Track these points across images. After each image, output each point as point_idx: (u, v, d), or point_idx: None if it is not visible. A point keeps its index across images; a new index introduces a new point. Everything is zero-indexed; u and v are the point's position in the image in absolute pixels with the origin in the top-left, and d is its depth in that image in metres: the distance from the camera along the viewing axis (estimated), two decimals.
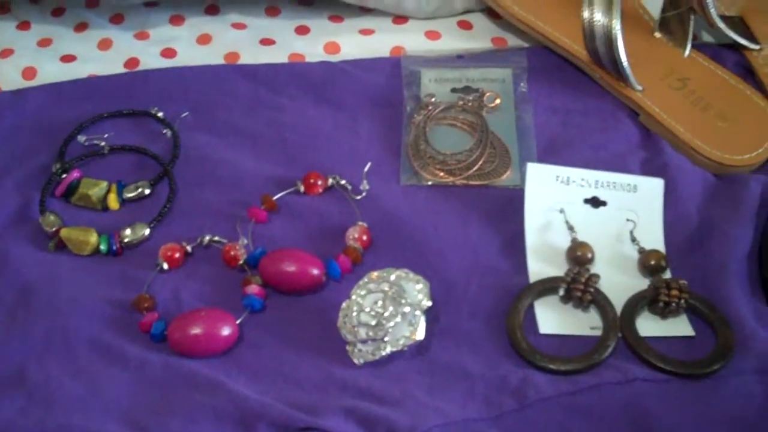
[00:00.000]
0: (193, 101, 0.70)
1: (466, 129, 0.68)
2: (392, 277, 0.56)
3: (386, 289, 0.56)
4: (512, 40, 0.75)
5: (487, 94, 0.69)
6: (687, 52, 0.71)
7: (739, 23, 0.72)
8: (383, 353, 0.54)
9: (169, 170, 0.65)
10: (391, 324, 0.55)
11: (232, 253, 0.60)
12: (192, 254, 0.61)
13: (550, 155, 0.66)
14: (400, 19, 0.77)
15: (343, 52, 0.74)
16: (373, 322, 0.55)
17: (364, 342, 0.55)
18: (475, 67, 0.72)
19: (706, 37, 0.75)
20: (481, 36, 0.76)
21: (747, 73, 0.72)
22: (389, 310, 0.55)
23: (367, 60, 0.73)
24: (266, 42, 0.75)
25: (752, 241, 0.61)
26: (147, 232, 0.61)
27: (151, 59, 0.74)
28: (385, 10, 0.76)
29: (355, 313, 0.56)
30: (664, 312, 0.57)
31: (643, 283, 0.58)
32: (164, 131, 0.68)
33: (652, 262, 0.59)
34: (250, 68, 0.72)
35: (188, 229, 0.62)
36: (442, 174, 0.65)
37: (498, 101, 0.69)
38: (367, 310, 0.55)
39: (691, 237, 0.62)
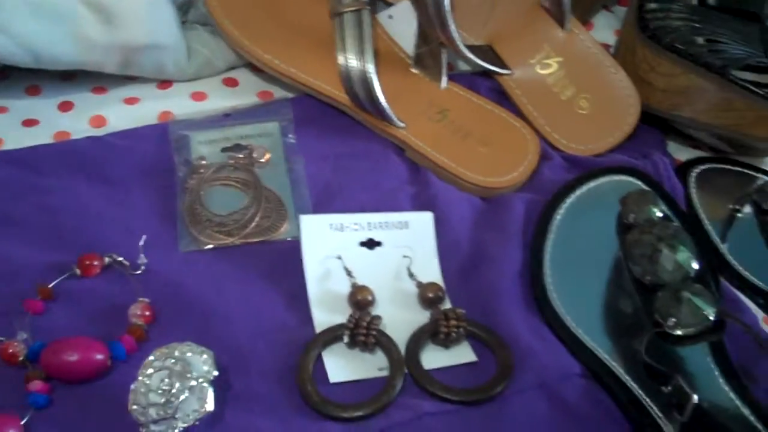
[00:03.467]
0: None
1: (240, 187, 0.68)
2: (176, 353, 0.56)
3: (171, 365, 0.55)
4: (278, 92, 0.76)
5: (256, 149, 0.70)
6: (443, 84, 0.74)
7: (488, 51, 0.76)
8: (177, 430, 0.54)
9: None
10: (180, 399, 0.54)
11: (11, 350, 0.58)
12: None
13: (326, 202, 0.68)
14: (164, 83, 0.77)
15: (110, 124, 0.73)
16: (162, 401, 0.54)
17: (156, 422, 0.54)
18: (243, 123, 0.72)
19: (463, 66, 0.78)
20: (247, 91, 0.77)
21: (501, 97, 0.75)
22: (176, 386, 0.55)
23: (134, 130, 0.72)
24: (29, 123, 0.73)
25: (522, 258, 0.64)
26: None
27: None
28: (147, 76, 0.76)
29: (143, 394, 0.55)
30: (446, 342, 0.59)
31: (425, 317, 0.60)
32: None
33: (430, 295, 0.61)
34: (15, 153, 0.70)
35: None
36: (220, 236, 0.65)
37: (268, 156, 0.70)
38: (155, 389, 0.55)
39: (465, 263, 0.64)
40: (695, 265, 0.59)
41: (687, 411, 0.52)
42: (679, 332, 0.56)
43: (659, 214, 0.62)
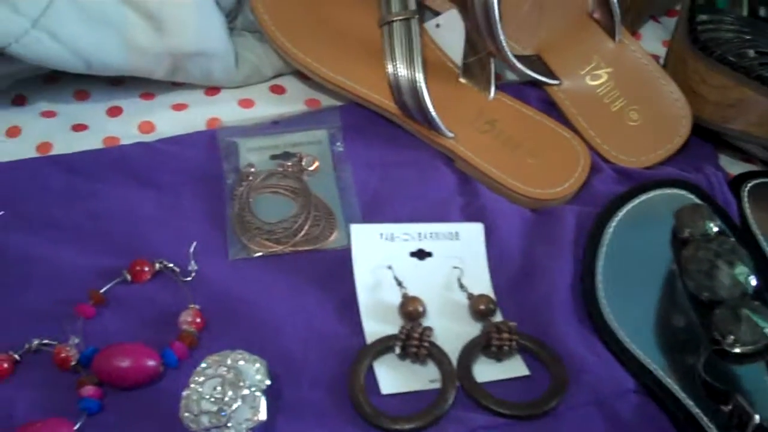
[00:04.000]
0: (6, 199, 0.67)
1: (289, 195, 0.68)
2: (229, 361, 0.56)
3: (224, 373, 0.55)
4: (325, 100, 0.76)
5: (305, 157, 0.70)
6: (491, 94, 0.73)
7: (536, 61, 0.75)
8: None
9: None
10: (233, 408, 0.54)
11: (63, 354, 0.59)
12: (21, 362, 0.59)
13: (374, 211, 0.68)
14: (212, 90, 0.77)
15: (159, 130, 0.74)
16: (215, 409, 0.54)
17: (207, 430, 0.54)
18: (291, 131, 0.72)
19: (510, 76, 0.78)
20: (295, 99, 0.77)
21: (550, 107, 0.75)
22: (229, 395, 0.55)
23: (182, 136, 0.72)
24: (79, 127, 0.74)
25: (573, 271, 0.64)
26: None
27: None
28: (195, 82, 0.76)
29: (195, 402, 0.55)
30: (498, 355, 0.59)
31: (476, 329, 0.60)
32: None
33: (482, 307, 0.61)
34: (64, 158, 0.70)
35: (15, 335, 0.60)
36: (269, 244, 0.65)
37: (317, 164, 0.70)
38: (207, 396, 0.55)
39: (516, 275, 0.64)
40: (753, 282, 0.58)
41: (749, 430, 0.51)
42: (737, 350, 0.56)
43: (715, 229, 0.61)
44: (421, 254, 0.64)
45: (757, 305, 0.56)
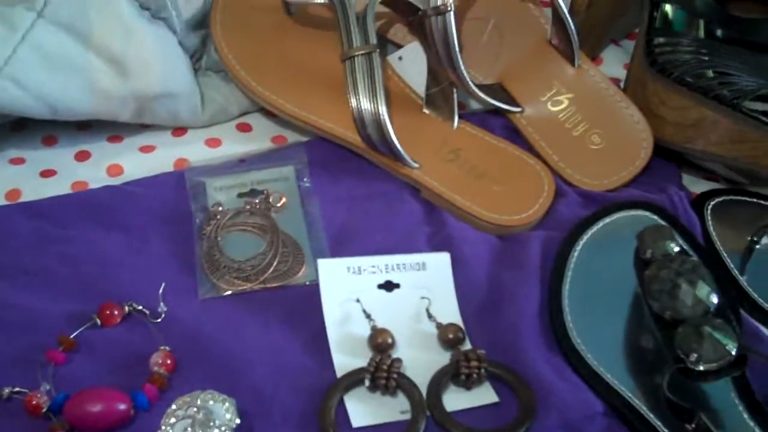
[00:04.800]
0: None
1: (257, 232, 0.69)
2: (198, 401, 0.56)
3: (194, 413, 0.56)
4: (292, 136, 0.77)
5: (272, 194, 0.70)
6: (455, 124, 0.74)
7: (498, 90, 0.76)
8: None
9: None
10: None
11: (34, 402, 0.58)
12: None
13: (342, 245, 0.68)
14: (179, 130, 0.77)
15: (127, 172, 0.74)
16: None
17: None
18: (258, 169, 0.73)
19: (474, 105, 0.79)
20: (261, 136, 0.77)
21: (514, 134, 0.76)
22: None
23: (150, 178, 0.73)
24: (47, 173, 0.74)
25: (540, 296, 0.64)
26: None
27: None
28: (162, 124, 0.77)
29: None
30: (468, 383, 0.59)
31: (445, 358, 0.60)
32: None
33: (450, 336, 0.61)
34: (33, 204, 0.71)
35: None
36: (239, 282, 0.66)
37: (284, 200, 0.70)
38: None
39: (484, 303, 0.64)
40: (715, 300, 0.59)
41: None
42: (701, 368, 0.56)
43: (677, 249, 0.62)
44: (389, 286, 0.64)
45: (720, 323, 0.57)
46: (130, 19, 0.72)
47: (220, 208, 0.70)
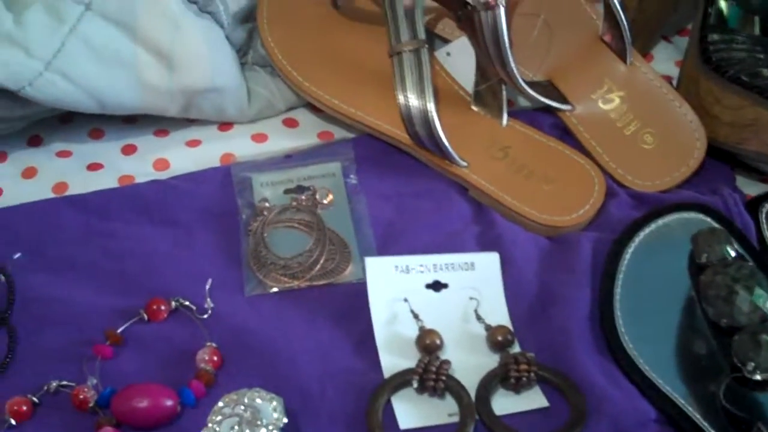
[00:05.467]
0: (23, 241, 0.68)
1: (304, 229, 0.68)
2: (245, 399, 0.56)
3: (241, 412, 0.55)
4: (338, 132, 0.76)
5: (319, 190, 0.70)
6: (504, 121, 0.73)
7: (548, 87, 0.75)
8: None
9: (6, 318, 0.63)
10: None
11: (81, 396, 0.59)
12: (40, 404, 0.59)
13: (389, 243, 0.67)
14: (225, 125, 0.77)
15: (173, 167, 0.74)
16: None
17: None
18: (304, 165, 0.72)
19: (523, 103, 0.78)
20: (308, 132, 0.77)
21: (564, 133, 0.75)
22: None
23: (197, 173, 0.73)
24: (94, 167, 0.74)
25: (591, 299, 0.63)
26: None
27: None
28: (208, 119, 0.76)
29: None
30: (517, 387, 0.58)
31: (494, 360, 0.60)
32: None
33: (499, 338, 0.60)
34: (79, 198, 0.71)
35: (34, 377, 0.60)
36: (285, 279, 0.65)
37: (330, 197, 0.70)
38: None
39: (533, 305, 0.63)
40: None
41: None
42: (758, 377, 0.55)
43: (733, 253, 0.61)
44: (437, 286, 0.64)
45: None
46: (177, 12, 0.72)
47: (267, 204, 0.69)
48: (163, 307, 0.63)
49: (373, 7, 0.78)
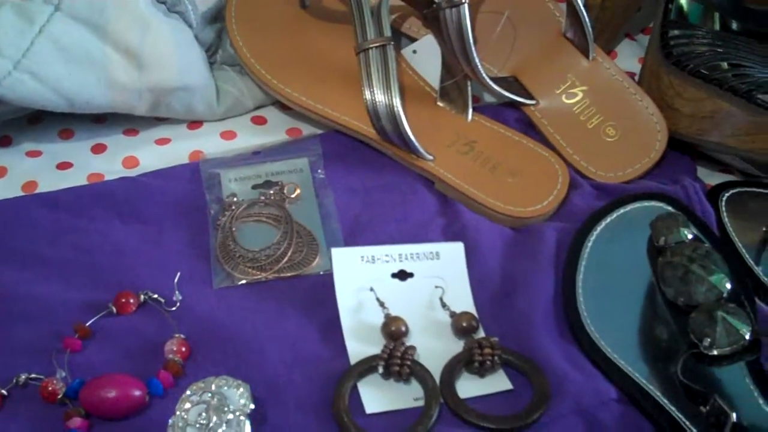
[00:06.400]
0: None
1: (272, 223, 0.69)
2: (212, 386, 0.56)
3: (208, 399, 0.56)
4: (306, 129, 0.77)
5: (287, 185, 0.71)
6: (469, 116, 0.74)
7: (512, 82, 0.76)
8: None
9: None
10: None
11: (50, 388, 0.59)
12: (9, 396, 0.59)
13: (356, 235, 0.68)
14: (194, 124, 0.78)
15: (142, 164, 0.75)
16: None
17: None
18: (273, 160, 0.73)
19: (488, 98, 0.79)
20: (276, 129, 0.78)
21: (528, 127, 0.76)
22: (213, 420, 0.55)
23: (165, 169, 0.73)
24: (63, 166, 0.75)
25: (554, 286, 0.64)
26: None
27: None
28: (177, 117, 0.77)
29: (181, 429, 0.55)
30: (481, 371, 0.59)
31: (459, 346, 0.61)
32: None
33: (464, 324, 0.61)
34: (49, 195, 0.71)
35: (3, 370, 0.60)
36: (253, 271, 0.66)
37: (298, 191, 0.71)
38: (193, 423, 0.55)
39: (497, 292, 0.64)
40: (728, 285, 0.59)
41: (727, 429, 0.51)
42: (715, 352, 0.56)
43: (690, 236, 0.62)
44: (402, 275, 0.65)
45: (733, 308, 0.57)
46: (146, 12, 0.73)
47: (235, 199, 0.70)
48: (131, 300, 0.64)
49: (340, 6, 0.79)
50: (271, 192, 0.71)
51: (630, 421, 0.57)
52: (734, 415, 0.52)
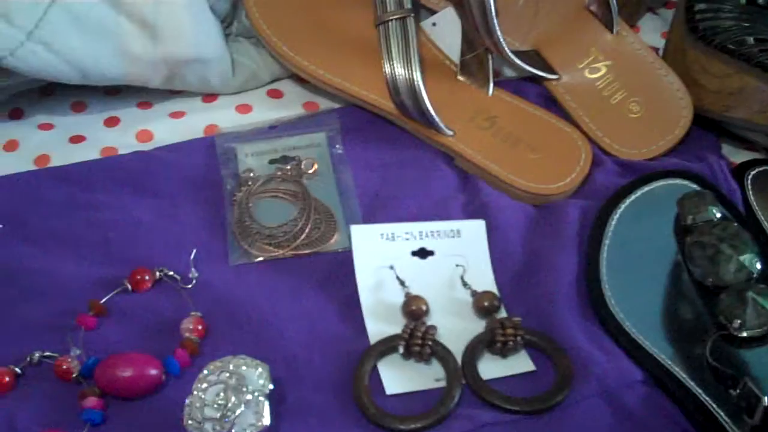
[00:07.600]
0: (5, 213, 0.67)
1: (289, 199, 0.68)
2: (231, 366, 0.55)
3: (226, 379, 0.55)
4: (323, 103, 0.76)
5: (304, 161, 0.70)
6: (490, 91, 0.73)
7: (534, 56, 0.75)
8: None
9: None
10: (236, 414, 0.54)
11: (65, 366, 0.58)
12: (23, 374, 0.59)
13: (375, 212, 0.67)
14: (209, 97, 0.76)
15: (157, 138, 0.73)
16: (218, 415, 0.54)
17: None
18: (289, 135, 0.72)
19: (509, 72, 0.77)
20: (292, 103, 0.76)
21: (550, 102, 0.74)
22: (232, 401, 0.54)
23: (180, 143, 0.72)
24: (76, 139, 0.74)
25: (577, 264, 0.63)
26: None
27: None
28: (192, 90, 0.76)
29: (198, 409, 0.54)
30: (503, 351, 0.58)
31: (480, 326, 0.60)
32: None
33: (486, 304, 0.60)
34: (62, 170, 0.70)
35: (16, 348, 0.59)
36: (270, 248, 0.65)
37: (316, 167, 0.69)
38: (210, 403, 0.54)
39: (519, 271, 0.63)
40: (759, 265, 0.57)
41: (758, 414, 0.51)
42: (744, 334, 0.55)
43: (718, 215, 0.61)
44: (423, 253, 0.63)
45: (763, 288, 0.56)
46: None
47: (251, 174, 0.69)
48: (147, 277, 0.63)
49: None
50: (288, 167, 0.69)
51: (655, 404, 0.56)
52: (766, 398, 0.51)
